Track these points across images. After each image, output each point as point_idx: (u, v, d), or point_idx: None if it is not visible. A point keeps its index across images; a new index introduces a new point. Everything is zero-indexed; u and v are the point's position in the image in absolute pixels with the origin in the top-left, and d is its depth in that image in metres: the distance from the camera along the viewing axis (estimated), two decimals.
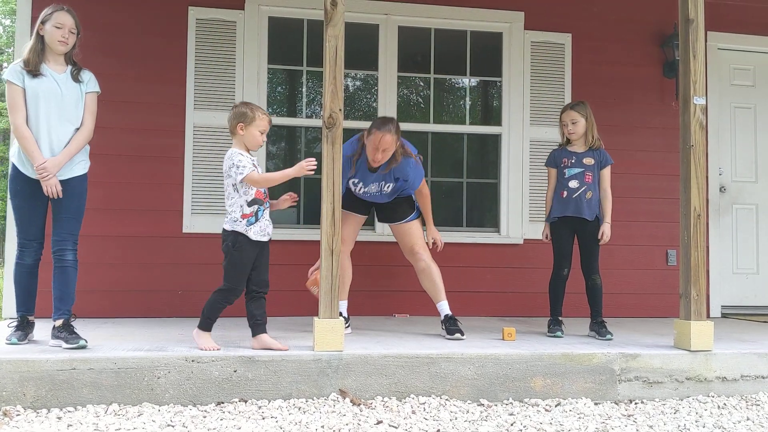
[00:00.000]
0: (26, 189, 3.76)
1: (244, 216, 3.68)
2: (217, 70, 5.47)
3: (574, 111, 4.63)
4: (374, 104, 5.84)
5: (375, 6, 5.69)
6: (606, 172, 4.65)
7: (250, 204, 3.69)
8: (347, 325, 4.37)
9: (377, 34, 5.76)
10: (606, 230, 4.58)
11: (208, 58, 5.47)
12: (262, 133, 3.77)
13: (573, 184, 4.58)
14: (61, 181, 3.75)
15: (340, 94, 3.77)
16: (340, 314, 4.09)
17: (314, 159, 3.73)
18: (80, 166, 3.86)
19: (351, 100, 5.96)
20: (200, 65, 5.45)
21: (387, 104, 5.71)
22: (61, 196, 3.73)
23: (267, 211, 3.79)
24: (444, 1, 5.79)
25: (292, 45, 5.74)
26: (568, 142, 4.69)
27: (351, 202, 4.47)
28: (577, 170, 4.60)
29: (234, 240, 3.69)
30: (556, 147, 4.83)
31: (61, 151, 3.74)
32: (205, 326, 3.70)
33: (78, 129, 3.82)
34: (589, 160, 4.62)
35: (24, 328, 3.81)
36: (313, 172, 3.73)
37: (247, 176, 3.64)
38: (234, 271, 3.70)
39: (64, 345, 3.58)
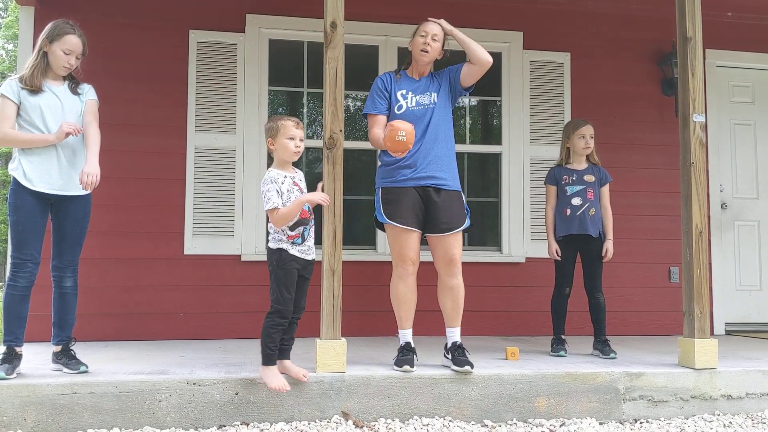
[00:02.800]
0: (28, 203, 3.57)
1: (289, 237, 3.50)
2: (218, 92, 5.50)
3: (591, 126, 4.71)
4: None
5: (374, 28, 5.73)
6: (606, 190, 4.71)
7: (293, 228, 3.51)
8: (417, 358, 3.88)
9: (377, 54, 5.79)
10: (610, 247, 4.61)
11: (209, 81, 5.50)
12: (292, 139, 3.52)
13: (576, 201, 4.60)
14: (67, 198, 3.65)
15: (341, 115, 3.79)
16: (409, 344, 3.89)
17: (328, 197, 3.64)
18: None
19: (352, 120, 5.98)
20: (201, 87, 5.48)
21: None
22: (80, 131, 3.62)
23: (313, 229, 3.60)
24: None
25: (292, 67, 5.78)
26: (567, 160, 4.72)
27: (404, 210, 3.89)
28: (579, 187, 4.63)
29: (278, 257, 3.48)
30: (554, 165, 4.85)
31: (87, 156, 3.64)
32: (268, 360, 3.45)
33: (79, 141, 3.71)
34: (590, 177, 4.66)
35: (11, 360, 3.51)
36: (326, 203, 3.61)
37: (269, 211, 3.46)
38: (280, 290, 3.47)
39: (65, 370, 3.56)
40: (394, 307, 3.99)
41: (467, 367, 3.70)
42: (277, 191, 3.45)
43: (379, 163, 4.11)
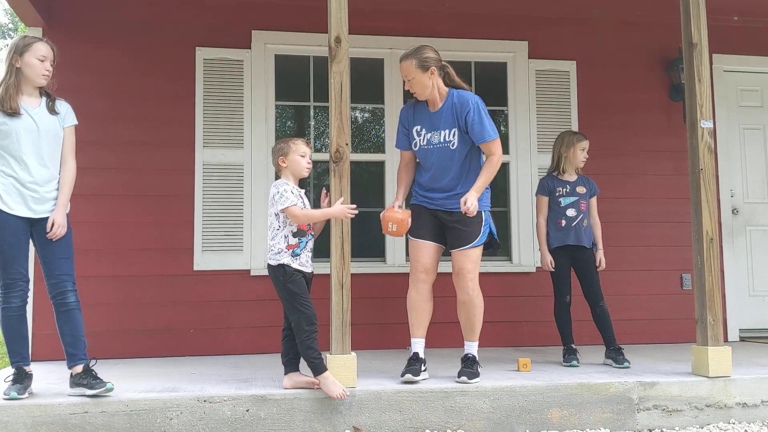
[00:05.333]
0: (8, 225, 3.48)
1: (289, 247, 3.59)
2: (225, 108, 5.53)
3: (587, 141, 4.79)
4: (383, 135, 5.87)
5: (379, 41, 5.74)
6: (594, 201, 4.83)
7: (295, 235, 3.62)
8: (425, 368, 3.92)
9: (382, 67, 5.81)
10: (602, 257, 4.77)
11: (216, 97, 5.52)
12: (303, 156, 3.70)
13: (570, 212, 4.67)
14: (44, 219, 3.54)
15: (347, 128, 3.79)
16: (417, 355, 3.91)
17: (356, 206, 3.71)
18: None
19: (360, 132, 5.99)
20: (208, 104, 5.50)
21: (395, 136, 5.72)
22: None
23: (311, 243, 3.71)
24: (447, 33, 5.84)
25: (298, 81, 5.80)
26: (559, 169, 4.77)
27: (422, 226, 4.00)
28: (572, 199, 4.70)
29: (284, 272, 3.57)
30: (546, 175, 4.90)
31: (56, 199, 3.58)
32: (319, 369, 3.50)
33: (53, 162, 3.61)
34: (581, 189, 4.74)
35: (22, 380, 3.49)
36: (352, 216, 3.69)
37: (288, 208, 3.56)
38: (297, 301, 3.55)
39: (89, 392, 3.41)
40: (408, 314, 4.04)
41: (464, 378, 3.74)
42: (292, 192, 3.61)
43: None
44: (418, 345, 3.95)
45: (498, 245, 4.17)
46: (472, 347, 3.99)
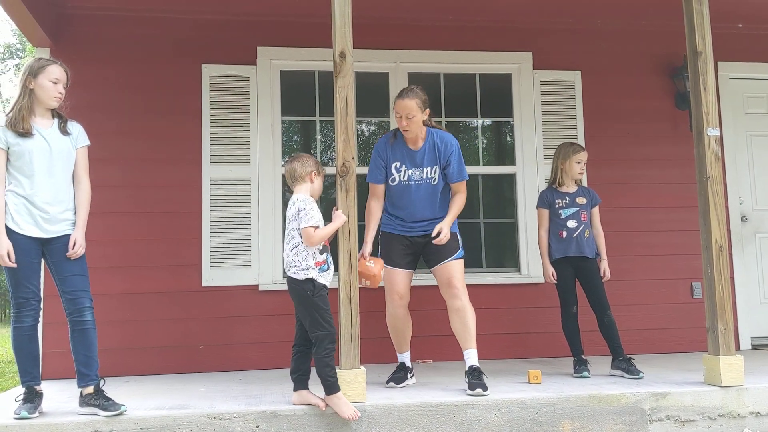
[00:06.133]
0: (19, 245, 3.49)
1: (318, 264, 3.57)
2: (231, 124, 5.55)
3: (586, 152, 4.79)
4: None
5: (384, 55, 5.77)
6: (596, 211, 4.82)
7: (322, 251, 3.61)
8: (411, 375, 4.36)
9: (387, 81, 5.83)
10: (606, 268, 4.74)
11: (223, 113, 5.55)
12: (319, 175, 3.78)
13: (571, 224, 4.67)
14: (56, 239, 3.57)
15: (353, 142, 3.80)
16: (404, 364, 4.30)
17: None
18: (72, 224, 3.65)
19: (366, 145, 6.01)
20: (215, 120, 5.53)
21: None
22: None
23: (330, 258, 3.71)
24: (451, 46, 5.87)
25: (304, 96, 5.82)
26: (558, 182, 4.77)
27: (396, 254, 4.22)
28: (572, 210, 4.70)
29: (312, 287, 3.53)
30: (546, 188, 4.92)
31: (68, 219, 3.62)
32: (333, 389, 3.48)
33: (65, 182, 3.64)
34: (581, 200, 4.73)
35: (32, 399, 3.48)
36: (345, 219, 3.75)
37: (307, 229, 3.52)
38: (323, 317, 3.52)
39: (102, 413, 3.40)
40: (390, 335, 4.35)
41: (479, 390, 3.75)
42: (317, 212, 3.61)
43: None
44: (404, 357, 4.36)
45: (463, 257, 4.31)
46: (473, 356, 4.03)
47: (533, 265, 5.79)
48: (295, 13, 5.62)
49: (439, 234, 4.05)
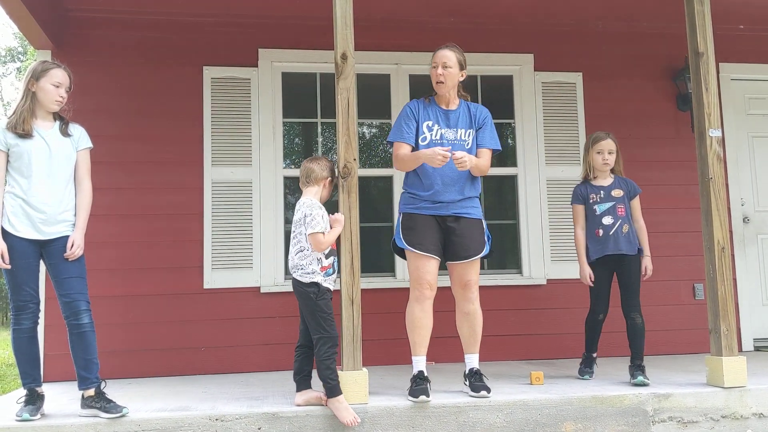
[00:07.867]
0: (16, 248, 3.50)
1: (323, 268, 3.60)
2: (233, 126, 5.55)
3: (612, 140, 4.46)
4: (390, 150, 5.86)
5: (385, 56, 5.77)
6: (636, 203, 4.49)
7: (328, 256, 3.63)
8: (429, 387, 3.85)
9: (389, 83, 5.83)
10: (648, 264, 4.44)
11: (224, 115, 5.55)
12: (331, 183, 3.82)
13: (607, 220, 4.38)
14: (54, 240, 3.56)
15: (354, 144, 3.80)
16: (422, 373, 3.83)
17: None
18: (71, 225, 3.64)
19: (367, 147, 6.01)
20: (216, 122, 5.53)
21: None
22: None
23: (336, 261, 3.73)
24: None
25: (305, 98, 5.82)
26: (588, 175, 4.51)
27: (425, 237, 3.88)
28: (608, 205, 4.40)
29: (317, 290, 3.55)
30: (579, 183, 4.62)
31: (67, 221, 3.60)
32: (334, 391, 3.48)
33: (64, 183, 3.62)
34: (617, 192, 4.43)
35: (34, 401, 3.49)
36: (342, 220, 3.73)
37: (315, 235, 3.54)
38: (326, 321, 3.54)
39: (104, 415, 3.41)
40: (408, 332, 3.94)
41: (483, 392, 3.74)
42: (323, 218, 3.60)
43: (402, 189, 4.13)
44: (421, 363, 3.88)
45: (491, 253, 4.11)
46: (475, 360, 3.99)
47: (535, 267, 5.78)
48: (296, 14, 5.62)
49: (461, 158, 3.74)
